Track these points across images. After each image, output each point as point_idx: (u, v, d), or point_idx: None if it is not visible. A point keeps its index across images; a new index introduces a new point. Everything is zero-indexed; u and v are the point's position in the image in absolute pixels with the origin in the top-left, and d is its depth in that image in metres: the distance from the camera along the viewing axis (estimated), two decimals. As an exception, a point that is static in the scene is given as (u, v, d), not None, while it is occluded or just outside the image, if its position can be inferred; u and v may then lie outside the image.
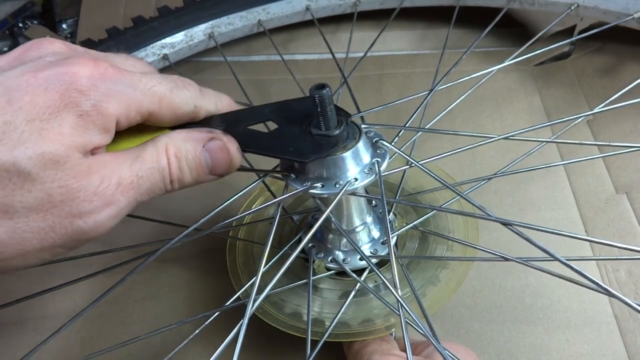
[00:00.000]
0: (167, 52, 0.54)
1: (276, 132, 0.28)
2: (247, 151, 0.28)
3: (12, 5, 0.66)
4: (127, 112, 0.23)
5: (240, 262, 0.36)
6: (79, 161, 0.22)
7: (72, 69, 0.22)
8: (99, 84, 0.22)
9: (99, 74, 0.22)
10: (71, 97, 0.22)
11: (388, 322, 0.30)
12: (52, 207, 0.21)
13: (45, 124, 0.21)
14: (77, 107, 0.22)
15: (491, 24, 0.47)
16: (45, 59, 0.23)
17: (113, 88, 0.23)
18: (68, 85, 0.22)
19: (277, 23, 0.57)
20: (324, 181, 0.28)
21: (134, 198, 0.24)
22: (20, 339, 0.39)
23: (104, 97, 0.22)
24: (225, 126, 0.27)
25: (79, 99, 0.22)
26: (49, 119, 0.21)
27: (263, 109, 0.29)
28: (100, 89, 0.22)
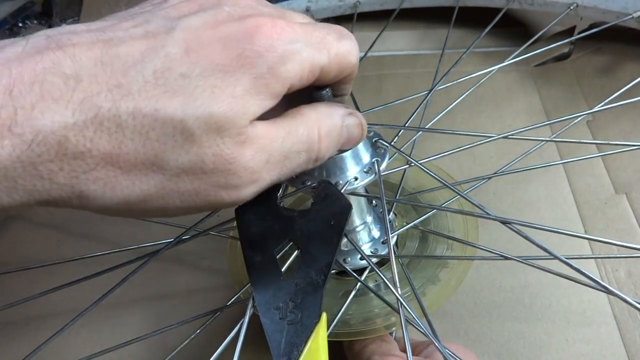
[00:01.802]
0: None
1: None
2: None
3: (12, 5, 0.66)
4: (301, 72, 0.22)
5: (240, 262, 0.36)
6: (240, 130, 0.21)
7: (251, 27, 0.21)
8: (276, 44, 0.21)
9: (277, 34, 0.21)
10: (248, 58, 0.21)
11: (388, 321, 0.30)
12: (203, 173, 0.21)
13: (220, 81, 0.20)
14: (253, 68, 0.21)
15: (490, 24, 0.47)
16: (225, 8, 0.22)
17: (290, 48, 0.21)
18: (246, 44, 0.21)
19: (277, 24, 0.57)
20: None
21: (277, 177, 0.23)
22: (21, 339, 0.39)
23: (280, 59, 0.21)
24: None
25: (255, 60, 0.21)
26: (224, 78, 0.20)
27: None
28: (278, 50, 0.21)
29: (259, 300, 0.24)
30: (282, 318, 0.23)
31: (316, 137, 0.24)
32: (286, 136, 0.23)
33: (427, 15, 0.59)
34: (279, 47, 0.21)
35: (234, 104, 0.20)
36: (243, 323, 0.25)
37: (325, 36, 0.23)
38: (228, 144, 0.21)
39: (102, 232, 0.45)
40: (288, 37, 0.21)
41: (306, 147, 0.23)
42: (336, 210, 0.25)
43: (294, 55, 0.22)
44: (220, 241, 0.37)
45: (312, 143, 0.24)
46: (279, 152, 0.22)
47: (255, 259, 0.25)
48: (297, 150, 0.23)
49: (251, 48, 0.21)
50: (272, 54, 0.21)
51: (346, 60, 0.24)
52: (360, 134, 0.26)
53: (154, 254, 0.31)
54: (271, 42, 0.21)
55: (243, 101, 0.20)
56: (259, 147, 0.21)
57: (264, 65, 0.21)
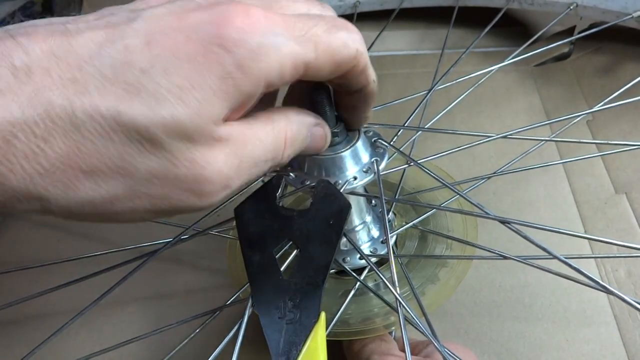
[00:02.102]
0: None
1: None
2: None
3: (12, 5, 0.66)
4: (280, 69, 0.20)
5: (240, 262, 0.36)
6: (210, 135, 0.19)
7: (220, 17, 0.19)
8: (247, 37, 0.19)
9: (249, 25, 0.19)
10: (214, 53, 0.18)
11: (388, 321, 0.30)
12: (174, 178, 0.20)
13: (184, 80, 0.18)
14: (220, 65, 0.18)
15: (490, 24, 0.47)
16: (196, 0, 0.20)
17: (264, 41, 0.19)
18: (213, 37, 0.18)
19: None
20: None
21: (246, 183, 0.22)
22: (21, 339, 0.39)
23: (252, 55, 0.19)
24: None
25: (223, 55, 0.18)
26: (188, 76, 0.18)
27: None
28: (250, 44, 0.19)
29: (258, 299, 0.24)
30: (281, 317, 0.23)
31: (282, 146, 0.23)
32: (257, 144, 0.21)
33: (426, 15, 0.59)
34: (251, 40, 0.19)
35: (201, 108, 0.19)
36: (242, 323, 0.25)
37: (312, 28, 0.21)
38: (200, 149, 0.19)
39: (101, 232, 0.45)
40: (263, 29, 0.19)
41: (272, 155, 0.22)
42: (335, 209, 0.25)
43: (270, 50, 0.19)
44: (220, 241, 0.37)
45: (278, 151, 0.23)
46: (249, 159, 0.21)
47: (254, 258, 0.25)
48: (264, 159, 0.22)
49: (218, 41, 0.18)
50: (242, 49, 0.19)
51: (341, 53, 0.21)
52: (322, 146, 0.26)
53: (153, 254, 0.31)
54: (242, 34, 0.19)
55: (210, 104, 0.19)
56: (230, 151, 0.20)
57: (232, 62, 0.19)
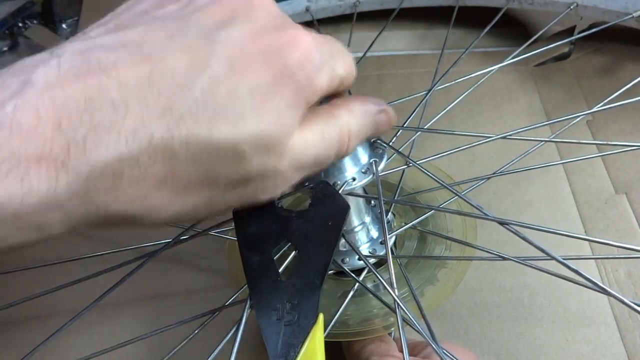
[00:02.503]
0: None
1: None
2: None
3: (12, 5, 0.66)
4: (331, 82, 0.22)
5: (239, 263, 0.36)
6: (283, 144, 0.21)
7: (290, 38, 0.21)
8: (313, 54, 0.21)
9: (313, 44, 0.22)
10: (289, 70, 0.21)
11: (387, 322, 0.30)
12: (247, 183, 0.21)
13: (266, 97, 0.20)
14: (294, 81, 0.21)
15: (490, 23, 0.47)
16: (259, 17, 0.21)
17: (322, 58, 0.22)
18: (287, 56, 0.21)
19: (277, 23, 0.57)
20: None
21: (304, 176, 0.23)
22: (21, 339, 0.39)
23: (316, 70, 0.21)
24: None
25: (296, 72, 0.21)
26: (269, 93, 0.20)
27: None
28: (315, 61, 0.21)
29: (256, 301, 0.24)
30: (279, 319, 0.23)
31: (346, 139, 0.24)
32: (319, 142, 0.23)
33: (426, 15, 0.59)
34: (315, 57, 0.21)
35: (280, 121, 0.20)
36: (240, 324, 0.25)
37: (340, 47, 0.24)
38: (272, 158, 0.21)
39: (101, 232, 0.45)
40: (319, 48, 0.22)
41: (335, 150, 0.24)
42: (334, 211, 0.25)
43: (325, 66, 0.22)
44: (219, 241, 0.37)
45: (342, 145, 0.24)
46: (312, 158, 0.23)
47: (252, 259, 0.25)
48: (327, 155, 0.23)
49: (291, 61, 0.21)
50: (310, 65, 0.21)
51: (353, 70, 0.24)
52: (388, 128, 0.27)
53: (153, 254, 0.31)
54: (308, 54, 0.21)
55: (287, 116, 0.21)
56: (294, 156, 0.22)
57: (303, 78, 0.21)
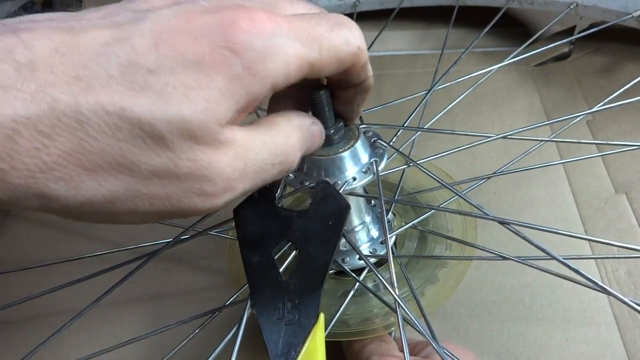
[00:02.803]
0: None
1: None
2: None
3: (12, 5, 0.66)
4: (286, 70, 0.20)
5: (239, 262, 0.36)
6: (215, 135, 0.19)
7: (226, 20, 0.19)
8: (254, 40, 0.19)
9: (255, 29, 0.19)
10: (222, 55, 0.19)
11: (387, 322, 0.30)
12: (176, 178, 0.19)
13: (192, 80, 0.18)
14: (227, 67, 0.19)
15: (490, 23, 0.47)
16: (200, 2, 0.20)
17: (270, 44, 0.19)
18: (220, 40, 0.19)
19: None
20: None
21: (250, 188, 0.22)
22: (21, 339, 0.39)
23: (259, 57, 0.19)
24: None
25: (230, 58, 0.19)
26: (196, 77, 0.18)
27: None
28: (256, 47, 0.19)
29: (257, 300, 0.24)
30: (280, 318, 0.23)
31: (290, 150, 0.23)
32: (262, 146, 0.21)
33: (426, 14, 0.59)
34: (257, 43, 0.19)
35: (208, 108, 0.19)
36: (241, 323, 0.24)
37: (314, 28, 0.21)
38: (203, 149, 0.19)
39: (101, 232, 0.45)
40: (268, 31, 0.20)
41: (281, 159, 0.22)
42: (334, 210, 0.25)
43: (276, 51, 0.20)
44: (219, 241, 0.37)
45: (287, 155, 0.23)
46: (255, 163, 0.21)
47: (253, 259, 0.25)
48: (271, 162, 0.22)
49: (226, 44, 0.19)
50: (249, 52, 0.19)
51: (344, 51, 0.22)
52: (320, 143, 0.26)
53: (153, 254, 0.31)
54: (248, 37, 0.19)
55: (217, 104, 0.19)
56: (235, 154, 0.20)
57: (239, 64, 0.19)
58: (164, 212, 0.21)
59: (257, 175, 0.22)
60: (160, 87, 0.18)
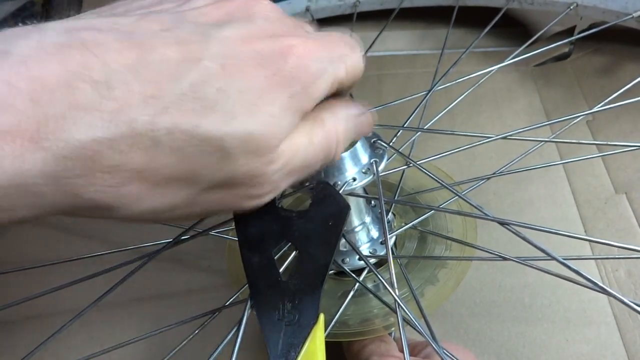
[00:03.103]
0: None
1: None
2: None
3: (12, 5, 0.66)
4: (328, 88, 0.22)
5: (239, 262, 0.36)
6: (272, 149, 0.21)
7: (285, 47, 0.21)
8: (309, 64, 0.21)
9: (308, 54, 0.21)
10: (284, 77, 0.20)
11: (387, 322, 0.30)
12: (231, 186, 0.21)
13: (257, 99, 0.20)
14: (289, 87, 0.21)
15: (490, 23, 0.47)
16: (257, 22, 0.21)
17: (319, 67, 0.22)
18: (281, 63, 0.20)
19: (277, 23, 0.57)
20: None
21: (293, 183, 0.23)
22: (21, 339, 0.39)
23: (312, 79, 0.21)
24: None
25: (290, 79, 0.21)
26: (261, 95, 0.20)
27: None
28: (311, 70, 0.21)
29: (257, 301, 0.24)
30: (280, 319, 0.23)
31: (334, 143, 0.24)
32: (307, 146, 0.22)
33: (426, 15, 0.59)
34: (311, 66, 0.21)
35: (272, 123, 0.20)
36: (241, 324, 0.24)
37: (343, 49, 0.23)
38: (260, 162, 0.20)
39: (101, 232, 0.45)
40: (317, 56, 0.22)
41: (325, 154, 0.23)
42: (334, 211, 0.25)
43: (322, 73, 0.22)
44: (219, 241, 0.37)
45: (330, 149, 0.24)
46: (300, 164, 0.22)
47: (253, 259, 0.25)
48: (315, 160, 0.23)
49: (286, 68, 0.21)
50: (305, 74, 0.21)
51: (358, 70, 0.24)
52: (369, 131, 0.27)
53: (153, 254, 0.31)
54: (304, 62, 0.21)
55: (279, 120, 0.20)
56: (283, 162, 0.21)
57: (298, 85, 0.21)
58: (214, 211, 0.22)
59: (300, 173, 0.23)
60: (229, 106, 0.19)
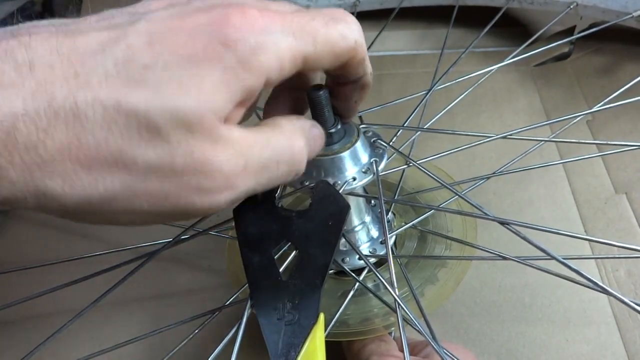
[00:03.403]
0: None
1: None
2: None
3: (12, 5, 0.66)
4: (279, 63, 0.20)
5: (239, 262, 0.36)
6: (210, 127, 0.19)
7: (218, 17, 0.20)
8: (247, 35, 0.19)
9: (247, 24, 0.20)
10: (216, 50, 0.19)
11: (387, 322, 0.30)
12: (173, 173, 0.19)
13: (186, 73, 0.19)
14: (221, 61, 0.19)
15: (490, 23, 0.47)
16: (194, 3, 0.20)
17: (263, 38, 0.20)
18: (214, 35, 0.19)
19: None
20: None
21: (254, 187, 0.22)
22: (20, 339, 0.39)
23: (252, 50, 0.20)
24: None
25: (224, 52, 0.19)
26: (190, 70, 0.19)
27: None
28: (249, 41, 0.19)
29: (257, 300, 0.24)
30: (280, 319, 0.23)
31: (297, 149, 0.23)
32: (265, 144, 0.21)
33: (426, 14, 0.59)
34: (249, 37, 0.20)
35: (202, 98, 0.19)
36: (241, 324, 0.24)
37: (309, 22, 0.21)
38: (199, 142, 0.19)
39: (101, 232, 0.45)
40: (260, 26, 0.20)
41: (286, 158, 0.22)
42: (334, 210, 0.25)
43: (269, 45, 0.20)
44: (219, 241, 0.37)
45: (293, 155, 0.23)
46: (257, 160, 0.21)
47: (253, 259, 0.25)
48: (276, 161, 0.22)
49: (219, 40, 0.19)
50: (242, 46, 0.19)
51: (340, 45, 0.22)
52: (321, 146, 0.26)
53: (152, 254, 0.31)
54: (241, 32, 0.20)
55: (212, 95, 0.19)
56: (234, 151, 0.20)
57: (233, 58, 0.19)
58: (163, 211, 0.20)
59: (261, 174, 0.22)
60: (155, 81, 0.19)
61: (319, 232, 0.24)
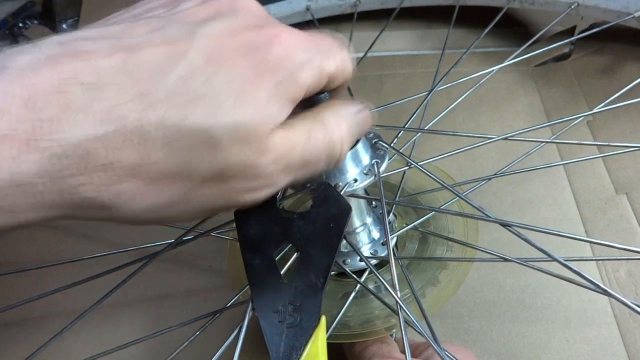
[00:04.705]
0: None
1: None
2: None
3: (12, 5, 0.66)
4: (316, 79, 0.23)
5: (240, 263, 0.36)
6: (262, 136, 0.21)
7: (269, 36, 0.21)
8: (294, 52, 0.22)
9: (293, 43, 0.22)
10: (269, 66, 0.21)
11: (389, 323, 0.31)
12: (226, 179, 0.21)
13: (243, 88, 0.20)
14: (274, 75, 0.21)
15: (491, 23, 0.47)
16: (240, 17, 0.22)
17: (305, 56, 0.22)
18: (266, 53, 0.21)
19: (277, 23, 0.57)
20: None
21: (293, 180, 0.23)
22: (22, 340, 0.39)
23: (299, 66, 0.22)
24: None
25: (276, 67, 0.21)
26: (246, 84, 0.20)
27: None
28: (296, 58, 0.22)
29: (258, 303, 0.24)
30: (281, 321, 0.23)
31: (337, 141, 0.24)
32: (305, 144, 0.23)
33: (427, 14, 0.59)
34: (296, 55, 0.22)
35: (258, 111, 0.20)
36: (242, 326, 0.25)
37: (332, 44, 0.24)
38: (251, 151, 0.21)
39: (102, 233, 0.45)
40: (303, 46, 0.22)
41: (326, 153, 0.24)
42: (336, 212, 0.25)
43: (309, 62, 0.22)
44: (221, 242, 0.37)
45: (333, 148, 0.24)
46: (298, 161, 0.22)
47: (254, 261, 0.25)
48: (317, 159, 0.23)
49: (271, 57, 0.21)
50: (291, 62, 0.21)
51: (348, 67, 0.24)
52: (368, 127, 0.27)
53: (154, 255, 0.31)
54: (289, 50, 0.22)
55: (267, 107, 0.21)
56: (277, 155, 0.21)
57: (284, 72, 0.21)
58: (213, 208, 0.22)
59: (300, 171, 0.23)
60: (215, 97, 0.20)
61: (321, 234, 0.25)
